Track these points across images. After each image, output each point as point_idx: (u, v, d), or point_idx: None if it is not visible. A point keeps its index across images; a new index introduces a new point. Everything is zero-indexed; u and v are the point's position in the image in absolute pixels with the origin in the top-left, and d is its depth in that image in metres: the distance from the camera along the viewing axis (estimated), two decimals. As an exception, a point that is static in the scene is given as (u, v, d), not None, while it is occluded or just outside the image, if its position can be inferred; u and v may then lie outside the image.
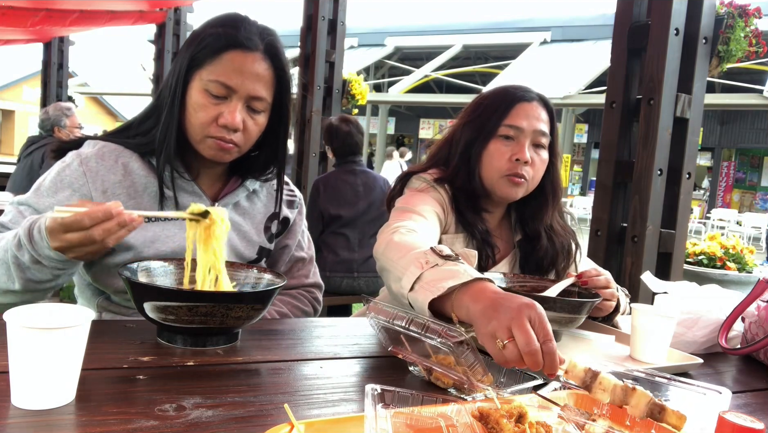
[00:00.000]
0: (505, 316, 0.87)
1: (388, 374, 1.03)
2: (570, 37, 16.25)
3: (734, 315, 1.37)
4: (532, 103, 1.49)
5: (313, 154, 4.43)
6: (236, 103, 1.24)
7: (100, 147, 1.29)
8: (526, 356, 0.84)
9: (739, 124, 16.98)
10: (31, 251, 1.07)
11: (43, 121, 4.48)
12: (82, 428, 0.72)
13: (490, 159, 1.48)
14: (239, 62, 1.23)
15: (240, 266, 1.22)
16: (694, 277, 4.62)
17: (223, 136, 1.24)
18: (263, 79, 1.26)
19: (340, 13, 4.45)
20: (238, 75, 1.22)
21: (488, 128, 1.49)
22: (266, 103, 1.28)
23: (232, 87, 1.22)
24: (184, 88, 1.25)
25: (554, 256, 1.55)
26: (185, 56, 1.25)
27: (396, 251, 1.17)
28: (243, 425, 0.77)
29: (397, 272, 1.12)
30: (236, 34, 1.24)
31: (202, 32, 1.26)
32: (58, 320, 0.76)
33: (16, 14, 6.11)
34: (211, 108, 1.23)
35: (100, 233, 1.00)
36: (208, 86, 1.23)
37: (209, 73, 1.23)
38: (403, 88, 15.70)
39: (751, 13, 2.50)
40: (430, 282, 1.02)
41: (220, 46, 1.23)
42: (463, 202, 1.50)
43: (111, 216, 1.01)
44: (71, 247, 1.03)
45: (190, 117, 1.25)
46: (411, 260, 1.10)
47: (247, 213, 1.42)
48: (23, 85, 23.61)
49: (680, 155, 2.49)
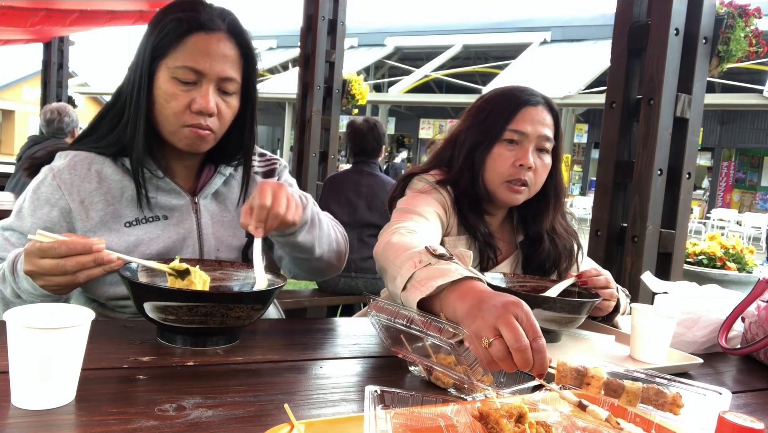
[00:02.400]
0: (491, 314, 0.84)
1: (388, 374, 1.03)
2: (570, 37, 16.25)
3: (734, 315, 1.37)
4: (538, 108, 1.48)
5: (313, 154, 4.43)
6: (207, 87, 1.21)
7: (71, 157, 1.25)
8: (515, 354, 0.81)
9: (739, 124, 16.98)
10: (12, 284, 1.07)
11: (50, 121, 4.33)
12: (82, 428, 0.72)
13: (494, 163, 1.48)
14: (204, 44, 1.20)
15: (240, 266, 1.22)
16: (694, 277, 4.62)
17: (199, 123, 1.21)
18: (231, 59, 1.23)
19: (340, 13, 4.44)
20: (205, 57, 1.19)
21: (493, 132, 1.48)
22: (236, 84, 1.25)
23: (201, 71, 1.19)
24: (150, 80, 1.21)
25: (557, 258, 1.55)
26: (146, 47, 1.21)
27: (393, 250, 1.17)
28: (243, 425, 0.77)
29: (393, 271, 1.12)
30: (197, 17, 1.21)
31: (160, 20, 1.22)
32: (58, 320, 0.76)
33: (16, 14, 6.11)
34: (182, 96, 1.20)
35: (72, 265, 0.98)
36: (175, 73, 1.19)
37: (175, 60, 1.19)
38: (403, 88, 15.70)
39: (751, 13, 2.50)
40: (421, 281, 1.01)
41: (183, 31, 1.19)
42: (466, 204, 1.49)
43: (90, 250, 0.99)
44: (42, 274, 1.01)
45: (161, 108, 1.22)
46: (406, 260, 1.10)
47: (227, 199, 1.38)
48: (23, 85, 23.62)
49: (680, 155, 2.49)
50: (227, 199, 1.39)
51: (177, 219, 1.30)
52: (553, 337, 1.28)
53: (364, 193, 3.55)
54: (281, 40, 19.05)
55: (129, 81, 1.24)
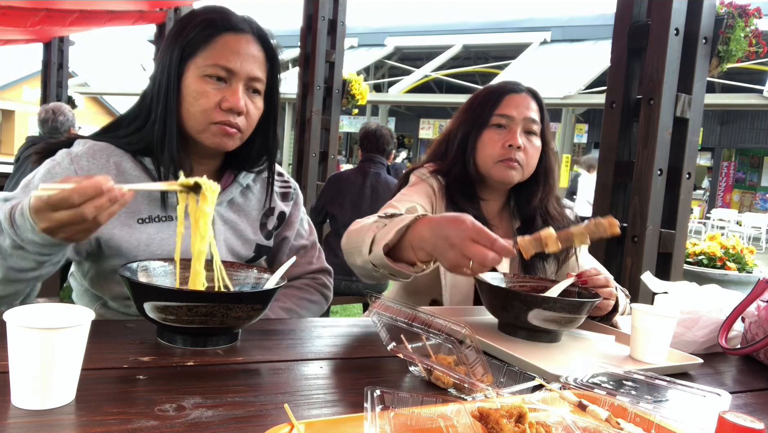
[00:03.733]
0: (455, 251, 1.01)
1: (388, 374, 1.03)
2: (570, 37, 16.25)
3: (734, 315, 1.37)
4: (521, 94, 1.60)
5: (313, 154, 4.43)
6: (237, 86, 1.24)
7: (91, 146, 1.26)
8: (489, 264, 1.00)
9: (739, 124, 16.98)
10: (13, 236, 1.01)
11: (44, 121, 4.32)
12: (82, 428, 0.72)
13: (484, 147, 1.57)
14: (234, 44, 1.23)
15: (240, 266, 1.22)
16: (694, 277, 4.62)
17: (229, 120, 1.23)
18: (258, 60, 1.27)
19: (340, 13, 4.45)
20: (236, 56, 1.23)
21: (482, 119, 1.58)
22: (263, 84, 1.29)
23: (232, 69, 1.22)
24: (178, 80, 1.24)
25: None
26: (174, 48, 1.24)
27: (354, 234, 1.26)
28: (243, 425, 0.77)
29: (358, 247, 1.21)
30: (227, 18, 1.24)
31: (189, 22, 1.25)
32: (58, 320, 0.76)
33: (16, 14, 6.11)
34: (212, 93, 1.22)
35: (91, 210, 0.94)
36: (206, 71, 1.22)
37: (205, 59, 1.22)
38: (403, 88, 15.69)
39: (751, 13, 2.50)
40: (383, 237, 1.12)
41: (213, 31, 1.23)
42: (456, 189, 1.57)
43: (101, 192, 0.94)
44: (61, 226, 0.96)
45: (189, 107, 1.24)
46: (365, 231, 1.20)
47: (242, 210, 1.40)
48: (23, 85, 23.62)
49: (680, 155, 2.49)
50: (242, 210, 1.40)
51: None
52: (553, 337, 1.28)
53: (367, 195, 3.56)
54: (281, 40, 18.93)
55: (155, 83, 1.26)
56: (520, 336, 1.27)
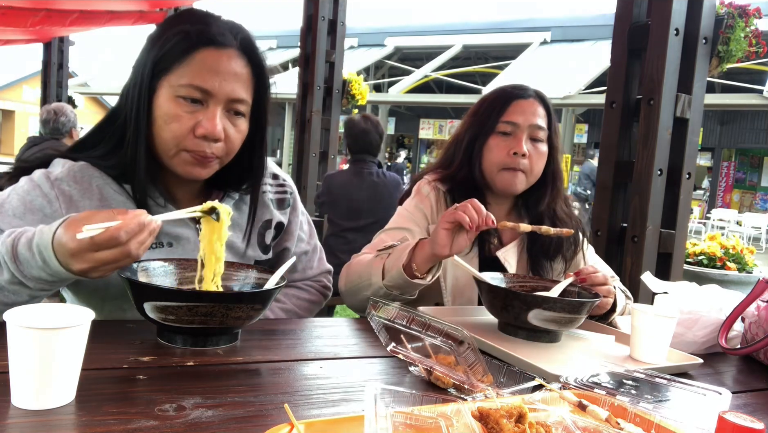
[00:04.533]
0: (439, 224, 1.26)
1: (388, 374, 1.03)
2: (570, 37, 16.24)
3: (734, 315, 1.37)
4: (529, 100, 1.58)
5: (313, 155, 4.43)
6: (215, 109, 1.09)
7: (70, 167, 1.14)
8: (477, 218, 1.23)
9: (739, 124, 16.97)
10: (14, 271, 0.95)
11: (45, 121, 4.29)
12: (82, 428, 0.72)
13: (490, 154, 1.58)
14: (214, 60, 1.08)
15: (240, 266, 1.22)
16: (694, 277, 4.62)
17: (203, 150, 1.10)
18: (242, 78, 1.12)
19: (340, 13, 4.45)
20: (214, 75, 1.08)
21: (487, 126, 1.58)
22: (247, 105, 1.15)
23: (209, 90, 1.08)
24: (149, 98, 1.10)
25: (559, 242, 1.61)
26: (147, 62, 1.09)
27: (354, 274, 1.43)
28: (243, 425, 0.77)
29: (364, 281, 1.37)
30: (207, 30, 1.09)
31: (164, 32, 1.10)
32: (58, 320, 0.76)
33: (16, 14, 6.11)
34: (186, 118, 1.08)
35: (135, 247, 0.90)
36: (179, 92, 1.08)
37: (179, 77, 1.08)
38: (403, 89, 15.68)
39: (751, 13, 2.50)
40: (394, 263, 1.31)
41: (190, 45, 1.07)
42: (463, 194, 1.55)
43: (144, 227, 0.91)
44: (101, 266, 0.91)
45: (160, 131, 1.10)
46: (370, 266, 1.38)
47: (236, 224, 1.29)
48: (23, 85, 23.62)
49: (680, 155, 2.49)
50: (237, 225, 1.29)
51: (183, 247, 1.23)
52: (553, 337, 1.28)
53: (365, 196, 3.54)
54: (281, 40, 19.03)
55: (127, 99, 1.13)
56: (520, 336, 1.27)
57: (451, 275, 1.54)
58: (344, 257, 3.46)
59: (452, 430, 0.73)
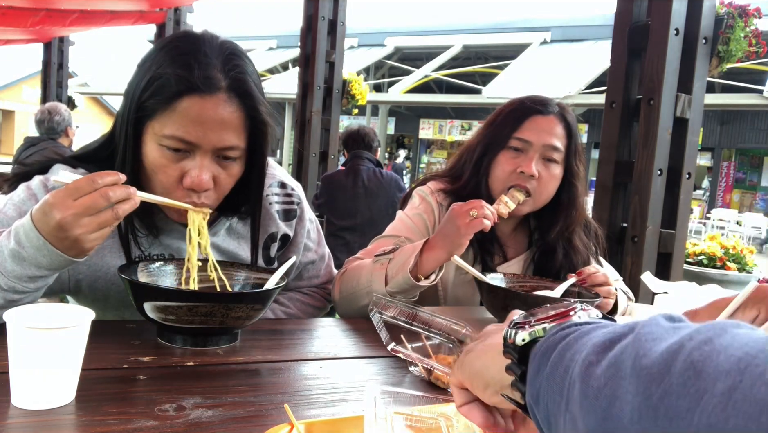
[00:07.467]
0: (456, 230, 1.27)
1: (388, 374, 1.03)
2: (570, 37, 16.24)
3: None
4: (548, 117, 1.47)
5: (313, 155, 4.43)
6: (202, 160, 1.02)
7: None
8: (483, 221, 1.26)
9: (739, 124, 16.97)
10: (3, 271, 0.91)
11: (40, 122, 4.21)
12: (82, 428, 0.72)
13: (497, 170, 1.49)
14: (197, 111, 1.00)
15: (240, 266, 1.22)
16: (694, 277, 4.62)
17: (192, 201, 1.05)
18: (231, 125, 1.03)
19: (340, 13, 4.45)
20: (198, 126, 1.00)
21: (499, 139, 1.50)
22: (240, 150, 1.07)
23: (193, 142, 1.01)
24: (136, 139, 1.04)
25: (571, 270, 1.49)
26: (133, 101, 1.03)
27: (350, 281, 1.38)
28: (243, 425, 0.77)
29: (363, 288, 1.33)
30: (189, 76, 0.99)
31: (150, 67, 1.03)
32: (58, 320, 0.76)
33: (16, 14, 6.11)
34: (171, 168, 1.03)
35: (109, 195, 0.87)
36: (163, 141, 1.01)
37: (162, 126, 1.00)
38: (403, 89, 15.68)
39: (751, 13, 2.50)
40: (400, 268, 1.28)
41: (172, 93, 0.99)
42: None
43: (119, 180, 0.88)
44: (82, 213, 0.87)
45: (150, 175, 1.05)
46: (370, 272, 1.33)
47: (242, 236, 1.27)
48: (23, 85, 23.61)
49: (680, 155, 2.49)
50: (242, 237, 1.27)
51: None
52: None
53: (361, 194, 3.55)
54: (281, 40, 19.03)
55: (120, 127, 1.08)
56: (520, 336, 1.27)
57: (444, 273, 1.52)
58: (342, 258, 3.47)
59: (452, 430, 0.73)
